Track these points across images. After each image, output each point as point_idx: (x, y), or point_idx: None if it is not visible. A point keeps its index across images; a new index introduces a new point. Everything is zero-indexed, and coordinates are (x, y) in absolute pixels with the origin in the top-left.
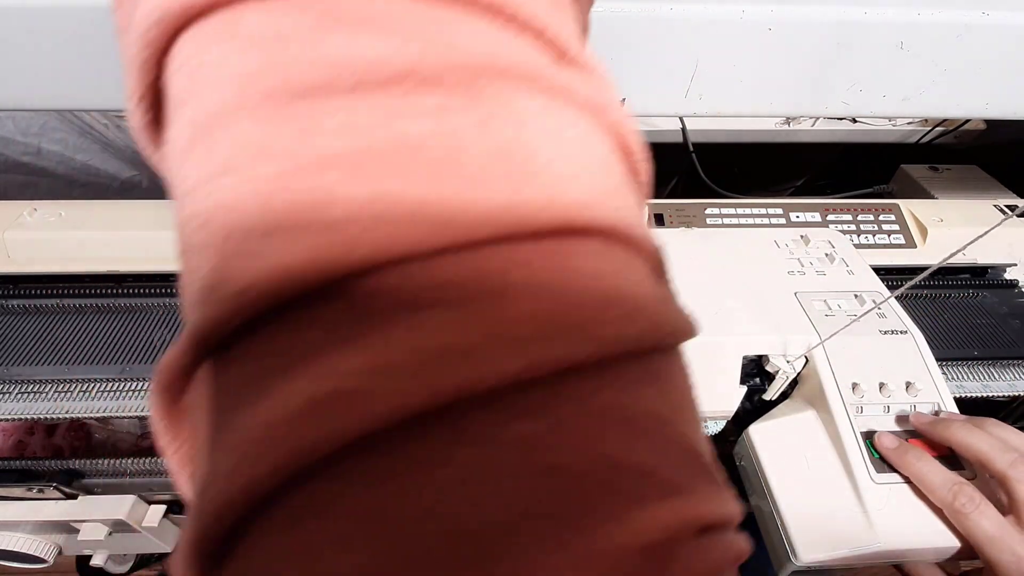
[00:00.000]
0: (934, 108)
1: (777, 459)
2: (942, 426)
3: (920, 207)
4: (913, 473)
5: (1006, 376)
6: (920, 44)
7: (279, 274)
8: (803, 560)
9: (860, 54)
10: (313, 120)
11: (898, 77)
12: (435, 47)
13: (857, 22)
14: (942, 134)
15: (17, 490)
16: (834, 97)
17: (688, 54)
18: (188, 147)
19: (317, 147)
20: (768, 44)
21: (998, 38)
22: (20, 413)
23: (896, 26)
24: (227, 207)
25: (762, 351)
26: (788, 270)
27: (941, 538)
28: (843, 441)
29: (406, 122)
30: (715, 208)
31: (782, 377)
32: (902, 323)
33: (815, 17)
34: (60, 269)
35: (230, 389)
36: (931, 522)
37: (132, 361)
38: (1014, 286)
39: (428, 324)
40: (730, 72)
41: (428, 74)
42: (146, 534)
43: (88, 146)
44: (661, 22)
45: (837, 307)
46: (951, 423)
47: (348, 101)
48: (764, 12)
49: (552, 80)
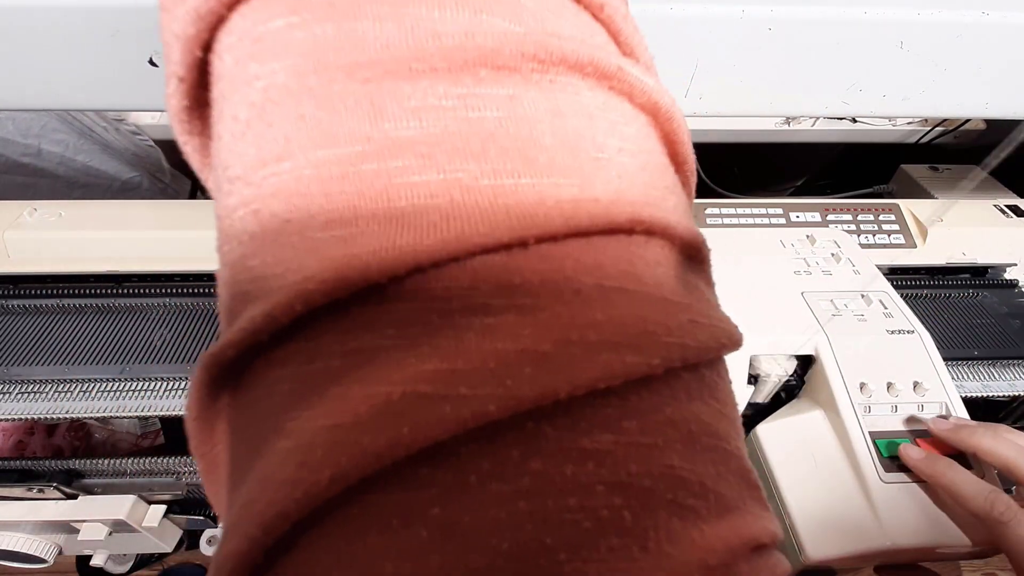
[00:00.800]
0: (934, 108)
1: (785, 459)
2: (966, 433)
3: (920, 207)
4: (945, 483)
5: (1006, 376)
6: (920, 44)
7: (342, 266)
8: (811, 558)
9: (860, 54)
10: (382, 103)
11: (898, 77)
12: (514, 33)
13: (857, 22)
14: (942, 134)
15: (17, 490)
16: (834, 97)
17: (688, 54)
18: (242, 130)
19: (386, 131)
20: (768, 44)
21: (998, 38)
22: (20, 413)
23: (896, 26)
24: (286, 193)
25: (768, 351)
26: (794, 270)
27: (948, 537)
28: (851, 440)
29: (479, 110)
30: (715, 208)
31: (773, 380)
32: (909, 323)
33: (815, 17)
34: (60, 269)
35: (283, 390)
36: (939, 521)
37: (132, 361)
38: (1014, 286)
39: (502, 328)
40: (730, 72)
41: (503, 62)
42: (146, 534)
43: (88, 147)
44: (661, 22)
45: (844, 307)
46: (975, 430)
47: (421, 84)
48: (764, 12)
49: (621, 79)
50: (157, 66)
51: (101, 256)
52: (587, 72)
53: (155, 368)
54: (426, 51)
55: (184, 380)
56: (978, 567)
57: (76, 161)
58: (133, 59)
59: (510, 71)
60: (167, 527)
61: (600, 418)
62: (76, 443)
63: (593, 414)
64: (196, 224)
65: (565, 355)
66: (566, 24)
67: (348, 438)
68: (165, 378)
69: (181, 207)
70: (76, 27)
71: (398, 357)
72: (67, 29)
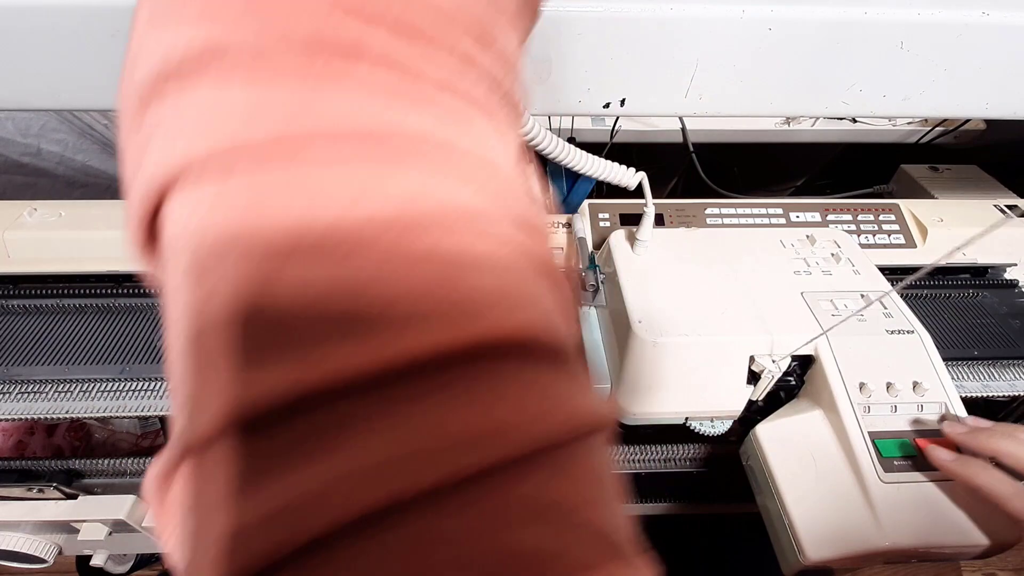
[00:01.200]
0: (934, 108)
1: (784, 459)
2: (984, 436)
3: (920, 207)
4: (981, 484)
5: (1006, 376)
6: (920, 44)
7: (241, 404)
8: (811, 559)
9: (860, 54)
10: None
11: (898, 77)
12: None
13: (857, 22)
14: (942, 134)
15: (17, 490)
16: (834, 97)
17: (688, 54)
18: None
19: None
20: (768, 44)
21: (998, 38)
22: (20, 413)
23: (896, 26)
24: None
25: (768, 351)
26: (794, 270)
27: (948, 537)
28: (851, 441)
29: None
30: (715, 208)
31: (767, 376)
32: (909, 323)
33: (815, 17)
34: (60, 269)
35: (205, 490)
36: (938, 521)
37: (132, 361)
38: (1014, 286)
39: (369, 443)
40: (730, 72)
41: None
42: (146, 534)
43: (88, 147)
44: (661, 22)
45: (844, 307)
46: (993, 432)
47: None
48: (764, 12)
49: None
50: None
51: (101, 256)
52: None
53: (155, 368)
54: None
55: None
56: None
57: (76, 160)
58: None
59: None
60: None
61: (454, 506)
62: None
63: (448, 503)
64: None
65: (419, 460)
66: (441, 115)
67: (249, 537)
68: (165, 378)
69: None
70: (76, 27)
71: (284, 473)
72: (67, 29)
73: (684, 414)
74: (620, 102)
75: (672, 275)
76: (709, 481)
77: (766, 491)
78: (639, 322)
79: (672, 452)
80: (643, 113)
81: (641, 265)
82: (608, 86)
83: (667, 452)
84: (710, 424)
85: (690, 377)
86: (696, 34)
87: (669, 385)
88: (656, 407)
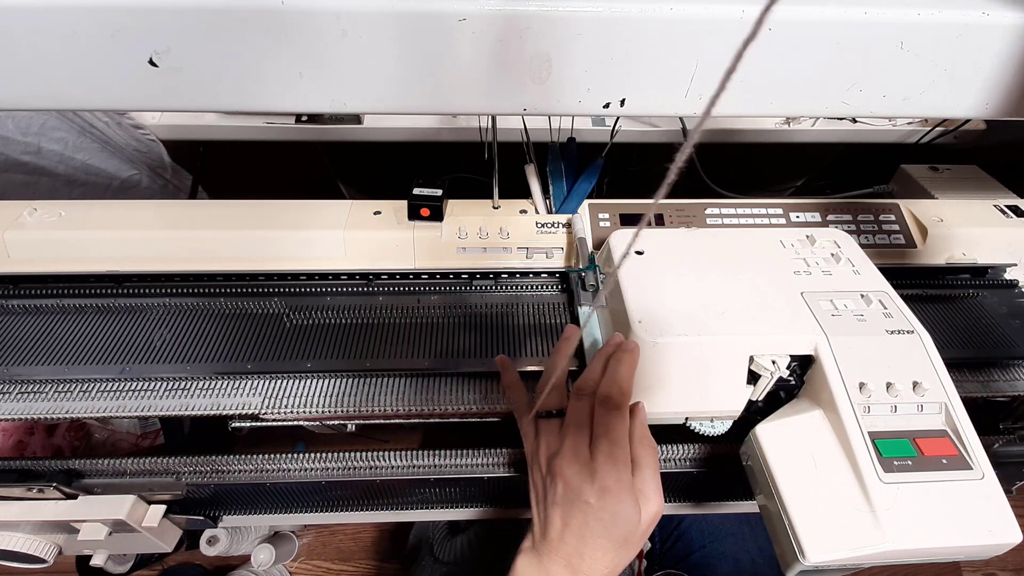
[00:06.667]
0: (934, 108)
1: (784, 459)
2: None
3: (920, 207)
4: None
5: (1006, 376)
6: (920, 44)
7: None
8: (811, 560)
9: (860, 54)
10: None
11: (898, 77)
12: None
13: (857, 22)
14: (942, 134)
15: (17, 490)
16: (834, 97)
17: (688, 54)
18: None
19: None
20: (768, 44)
21: (998, 38)
22: (20, 413)
23: (896, 26)
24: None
25: (768, 351)
26: (794, 270)
27: (949, 538)
28: (851, 441)
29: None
30: (715, 208)
31: (767, 377)
32: (909, 323)
33: (815, 17)
34: (60, 269)
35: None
36: (939, 522)
37: (132, 361)
38: (1014, 286)
39: None
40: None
41: None
42: (146, 534)
43: (88, 145)
44: (661, 22)
45: (843, 307)
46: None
47: None
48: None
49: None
50: (157, 66)
51: (101, 256)
52: None
53: (155, 368)
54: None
55: (184, 380)
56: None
57: (76, 159)
58: (133, 59)
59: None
60: (167, 527)
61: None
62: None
63: None
64: (196, 224)
65: None
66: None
67: None
68: (165, 378)
69: (181, 207)
70: (76, 27)
71: None
72: (67, 29)
73: (684, 414)
74: (620, 102)
75: (672, 275)
76: (709, 481)
77: (766, 491)
78: (639, 322)
79: (672, 452)
80: (643, 113)
81: (641, 265)
82: (608, 86)
83: (667, 452)
84: (710, 424)
85: (690, 377)
86: (696, 34)
87: (669, 385)
88: (656, 407)
